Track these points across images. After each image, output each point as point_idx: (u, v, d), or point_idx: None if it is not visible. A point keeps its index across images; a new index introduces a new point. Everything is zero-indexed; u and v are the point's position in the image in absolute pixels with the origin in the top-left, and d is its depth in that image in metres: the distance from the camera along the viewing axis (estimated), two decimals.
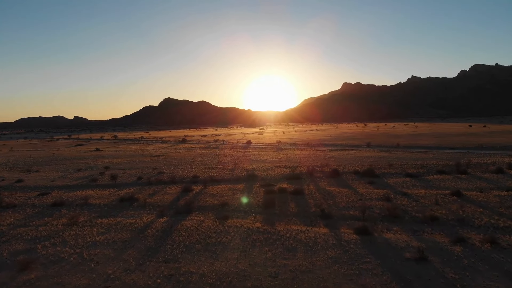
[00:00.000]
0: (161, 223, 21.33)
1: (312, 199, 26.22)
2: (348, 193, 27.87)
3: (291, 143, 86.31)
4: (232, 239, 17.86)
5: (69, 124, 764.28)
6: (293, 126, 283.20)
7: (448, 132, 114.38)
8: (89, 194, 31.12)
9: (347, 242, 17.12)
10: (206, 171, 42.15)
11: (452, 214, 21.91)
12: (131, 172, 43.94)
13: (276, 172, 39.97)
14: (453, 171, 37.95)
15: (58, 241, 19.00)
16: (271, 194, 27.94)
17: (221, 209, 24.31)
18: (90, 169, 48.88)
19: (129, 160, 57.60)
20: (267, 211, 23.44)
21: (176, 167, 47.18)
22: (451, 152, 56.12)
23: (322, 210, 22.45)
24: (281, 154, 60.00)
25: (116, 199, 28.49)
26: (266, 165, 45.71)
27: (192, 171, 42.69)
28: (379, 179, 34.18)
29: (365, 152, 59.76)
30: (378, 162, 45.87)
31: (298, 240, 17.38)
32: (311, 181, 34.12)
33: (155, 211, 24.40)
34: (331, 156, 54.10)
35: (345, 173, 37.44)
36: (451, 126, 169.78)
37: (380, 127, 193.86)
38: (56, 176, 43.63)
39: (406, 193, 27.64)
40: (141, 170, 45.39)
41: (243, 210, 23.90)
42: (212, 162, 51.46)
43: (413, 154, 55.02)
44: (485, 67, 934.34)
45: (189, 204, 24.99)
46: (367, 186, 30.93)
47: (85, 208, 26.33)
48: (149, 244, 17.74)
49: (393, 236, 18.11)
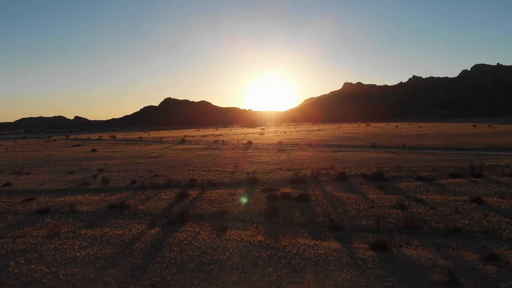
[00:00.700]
0: (152, 235, 19.07)
1: (319, 206, 23.93)
2: (358, 199, 25.58)
3: (293, 144, 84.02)
4: (230, 256, 15.58)
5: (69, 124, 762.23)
6: (294, 126, 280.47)
7: (453, 132, 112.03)
8: (77, 200, 28.91)
9: (363, 260, 14.83)
10: (204, 174, 39.90)
11: (476, 224, 19.65)
12: (126, 174, 41.71)
13: (279, 175, 37.71)
14: (468, 174, 35.64)
15: (35, 256, 16.76)
16: (274, 200, 25.68)
17: (219, 218, 22.05)
18: (84, 171, 46.67)
19: (125, 162, 55.38)
20: (270, 220, 21.17)
21: (173, 169, 44.94)
22: (460, 154, 53.80)
23: (331, 220, 20.17)
24: (283, 155, 57.73)
25: (106, 206, 26.25)
26: (267, 167, 43.45)
27: (190, 173, 40.45)
28: (389, 183, 31.89)
29: (371, 153, 57.45)
30: (386, 164, 43.57)
31: (306, 258, 15.10)
32: (316, 185, 31.85)
33: (147, 220, 22.15)
34: (336, 158, 51.81)
35: (352, 177, 35.15)
36: (455, 126, 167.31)
37: (383, 127, 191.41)
38: (47, 179, 41.43)
39: (421, 200, 25.35)
40: (136, 172, 43.15)
41: (243, 219, 21.63)
42: (211, 164, 49.21)
43: (421, 155, 52.70)
44: (486, 66, 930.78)
45: (184, 212, 22.72)
46: (377, 191, 28.65)
47: (70, 216, 24.10)
48: (136, 261, 15.48)
49: (414, 253, 15.83)
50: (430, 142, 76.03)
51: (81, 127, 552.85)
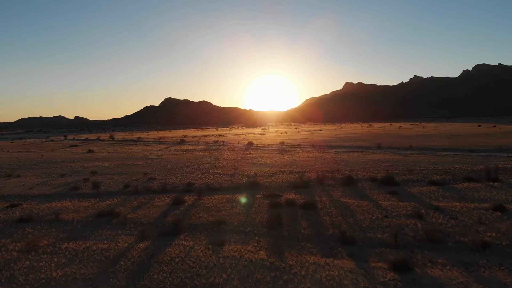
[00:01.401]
0: (140, 250, 16.90)
1: (327, 215, 21.72)
2: (369, 207, 23.36)
3: (295, 145, 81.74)
4: (228, 279, 13.38)
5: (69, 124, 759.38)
6: (295, 126, 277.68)
7: (458, 133, 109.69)
8: (64, 207, 26.73)
9: (384, 285, 12.62)
10: (202, 177, 37.69)
11: (505, 237, 17.45)
12: (120, 178, 39.52)
13: (281, 178, 35.49)
14: (483, 178, 33.40)
15: (5, 277, 14.64)
16: (277, 208, 23.48)
17: (216, 229, 19.86)
18: (76, 174, 44.50)
19: (121, 164, 53.20)
20: (273, 232, 18.97)
21: (170, 172, 42.75)
22: (470, 155, 51.53)
23: (342, 232, 17.95)
24: (285, 157, 55.50)
25: (94, 214, 24.06)
26: (269, 170, 41.24)
27: (187, 177, 38.25)
28: (401, 188, 29.66)
29: (377, 154, 55.19)
30: (394, 166, 41.34)
31: (317, 282, 12.90)
32: (322, 190, 29.62)
33: (136, 231, 19.97)
34: (341, 160, 49.57)
35: (360, 181, 32.92)
36: (460, 127, 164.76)
37: (385, 127, 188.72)
38: (36, 182, 39.27)
39: (438, 207, 23.11)
40: (130, 175, 40.97)
41: (243, 230, 19.44)
42: (210, 166, 47.01)
43: (430, 157, 50.45)
44: (488, 66, 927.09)
45: (178, 222, 20.53)
46: (389, 198, 26.43)
47: (54, 226, 21.94)
48: (119, 285, 13.30)
49: (442, 274, 13.62)
50: (436, 143, 73.75)
51: (81, 127, 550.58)
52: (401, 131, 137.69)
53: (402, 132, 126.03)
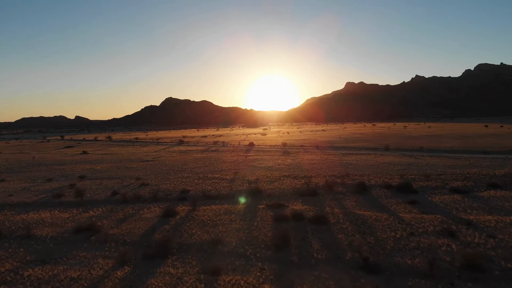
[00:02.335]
0: (117, 280, 13.75)
1: (342, 232, 18.51)
2: (389, 221, 20.13)
3: (298, 145, 78.39)
4: None
5: (69, 124, 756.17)
6: (297, 126, 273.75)
7: (467, 133, 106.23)
8: (41, 219, 23.57)
9: None
10: (199, 183, 34.48)
11: None
12: (109, 183, 36.35)
13: (286, 184, 32.27)
14: (508, 185, 30.19)
15: None
16: (283, 222, 20.31)
17: (211, 250, 16.69)
18: (64, 178, 41.34)
19: (113, 167, 50.02)
20: (280, 255, 15.79)
21: (165, 176, 39.56)
22: (487, 158, 48.26)
23: (364, 258, 14.74)
24: (288, 159, 52.24)
25: (71, 229, 20.90)
26: (272, 174, 38.03)
27: (182, 182, 35.05)
28: (420, 197, 26.45)
29: (386, 157, 51.90)
30: (407, 170, 38.09)
31: None
32: (332, 199, 26.41)
33: (116, 252, 16.82)
34: (348, 162, 46.30)
35: (374, 187, 29.69)
36: (466, 127, 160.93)
37: (390, 127, 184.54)
38: (20, 188, 36.13)
39: (470, 222, 19.90)
40: (122, 180, 37.79)
41: (243, 253, 16.25)
42: (208, 170, 43.81)
43: (444, 160, 47.18)
44: (490, 66, 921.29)
45: (167, 241, 17.38)
46: (410, 209, 23.22)
47: (23, 244, 18.81)
48: None
49: None
50: (446, 144, 70.42)
51: (81, 127, 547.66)
52: (406, 131, 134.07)
53: (408, 133, 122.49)
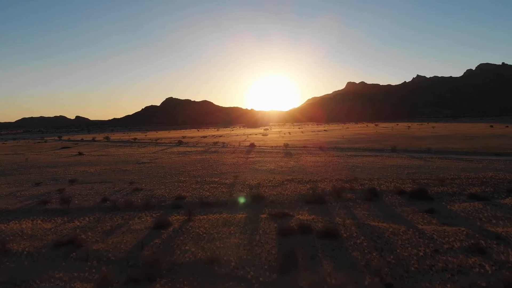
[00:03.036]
0: None
1: (357, 249, 16.18)
2: (409, 235, 17.80)
3: (301, 146, 76.05)
4: None
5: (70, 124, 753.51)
6: (299, 127, 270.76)
7: (472, 134, 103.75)
8: (21, 230, 21.30)
9: None
10: (196, 188, 32.19)
11: None
12: (100, 188, 34.07)
13: (290, 190, 29.96)
14: None
15: None
16: (288, 236, 18.02)
17: (206, 272, 14.37)
18: (54, 182, 39.10)
19: (107, 169, 47.75)
20: (286, 280, 13.48)
21: (160, 180, 37.28)
22: (499, 160, 45.92)
23: (387, 285, 12.41)
24: (291, 161, 49.91)
25: (51, 242, 18.63)
26: (275, 178, 35.71)
27: (178, 187, 32.76)
28: (437, 205, 24.14)
29: (394, 159, 49.55)
30: (419, 174, 35.75)
31: None
32: (342, 207, 24.10)
33: (98, 273, 14.51)
34: (355, 165, 43.95)
35: (386, 193, 27.37)
36: (470, 127, 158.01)
37: (393, 127, 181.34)
38: (6, 192, 33.93)
39: (499, 236, 17.60)
40: (114, 184, 35.51)
41: (243, 276, 13.94)
42: (207, 173, 41.52)
43: (455, 162, 44.84)
44: (491, 66, 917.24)
45: (156, 261, 15.10)
46: (428, 219, 20.90)
47: None
48: None
49: None
50: (454, 145, 68.03)
51: (81, 127, 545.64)
52: (410, 131, 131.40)
53: (412, 133, 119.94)
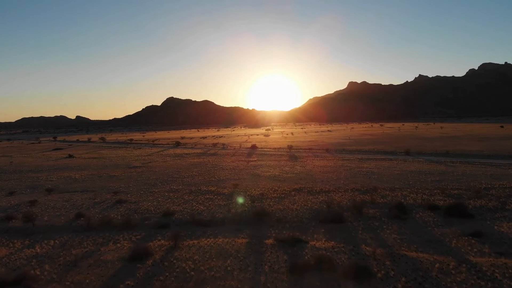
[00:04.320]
0: None
1: None
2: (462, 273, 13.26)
3: (306, 148, 71.37)
4: None
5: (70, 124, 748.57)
6: (301, 127, 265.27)
7: (485, 135, 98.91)
8: None
9: None
10: (188, 200, 27.67)
11: None
12: (79, 199, 29.58)
13: (299, 203, 25.42)
14: None
15: None
16: (304, 276, 13.48)
17: None
18: (31, 190, 34.63)
19: (94, 175, 43.28)
20: None
21: (149, 189, 32.77)
22: None
23: None
24: (297, 166, 45.35)
25: None
26: (280, 187, 31.18)
27: (169, 199, 28.24)
28: (481, 225, 19.61)
29: (411, 163, 44.95)
30: (445, 183, 31.16)
31: None
32: (366, 227, 19.55)
33: None
34: (369, 171, 39.36)
35: (414, 209, 22.81)
36: (480, 127, 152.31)
37: (400, 128, 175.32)
38: None
39: None
40: (96, 195, 31.01)
41: None
42: (203, 180, 37.03)
43: (480, 167, 40.27)
44: (494, 65, 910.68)
45: None
46: (478, 246, 16.37)
47: None
48: None
49: None
50: (470, 147, 63.37)
51: (81, 127, 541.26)
52: (419, 132, 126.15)
53: (421, 134, 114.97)
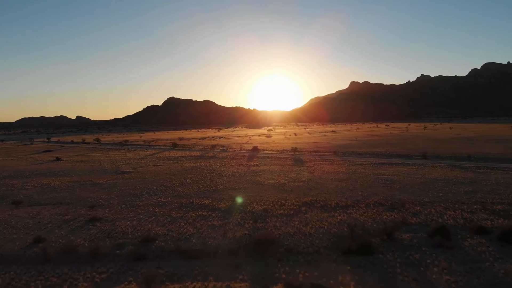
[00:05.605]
0: None
1: None
2: None
3: (311, 151, 66.31)
4: None
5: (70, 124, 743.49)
6: (304, 127, 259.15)
7: (500, 136, 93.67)
8: None
9: None
10: (176, 218, 22.83)
11: None
12: (47, 215, 24.81)
13: (313, 223, 20.59)
14: None
15: None
16: None
17: None
18: None
19: (76, 183, 38.48)
20: None
21: (133, 202, 27.95)
22: None
23: None
24: (304, 172, 40.45)
25: None
26: (287, 200, 26.34)
27: (153, 216, 23.41)
28: None
29: (433, 169, 40.02)
30: (482, 194, 26.28)
31: None
32: (404, 262, 14.74)
33: None
34: (388, 178, 34.40)
35: (459, 232, 17.96)
36: (490, 128, 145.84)
37: (407, 128, 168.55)
38: None
39: None
40: (68, 209, 26.21)
41: None
42: (197, 190, 32.18)
43: None
44: (497, 65, 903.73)
45: None
46: None
47: None
48: None
49: None
50: (491, 149, 58.46)
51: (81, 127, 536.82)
52: (428, 133, 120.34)
53: (431, 134, 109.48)
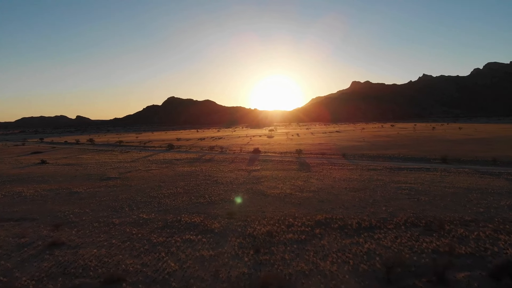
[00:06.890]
0: None
1: None
2: None
3: (317, 153, 61.34)
4: None
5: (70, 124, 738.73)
6: (306, 127, 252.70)
7: None
8: None
9: None
10: (156, 245, 18.04)
11: None
12: (1, 237, 20.03)
13: (333, 256, 15.81)
14: None
15: None
16: None
17: None
18: None
19: (52, 191, 33.69)
20: None
21: (109, 218, 23.13)
22: None
23: None
24: (313, 179, 35.57)
25: None
26: (297, 219, 21.54)
27: (127, 241, 18.60)
28: None
29: (458, 176, 35.16)
30: None
31: None
32: None
33: None
34: (411, 187, 29.52)
35: None
36: (501, 128, 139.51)
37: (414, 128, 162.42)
38: None
39: None
40: (26, 230, 21.41)
41: None
42: (188, 202, 27.38)
43: None
44: (499, 65, 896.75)
45: None
46: None
47: None
48: None
49: None
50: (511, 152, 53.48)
51: (81, 127, 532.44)
52: (438, 133, 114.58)
53: (442, 135, 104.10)
